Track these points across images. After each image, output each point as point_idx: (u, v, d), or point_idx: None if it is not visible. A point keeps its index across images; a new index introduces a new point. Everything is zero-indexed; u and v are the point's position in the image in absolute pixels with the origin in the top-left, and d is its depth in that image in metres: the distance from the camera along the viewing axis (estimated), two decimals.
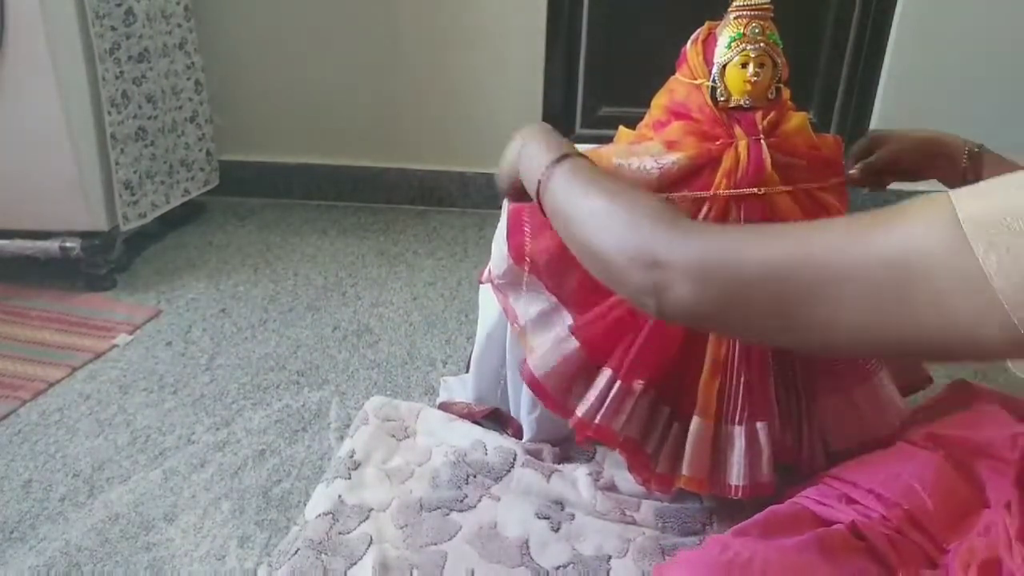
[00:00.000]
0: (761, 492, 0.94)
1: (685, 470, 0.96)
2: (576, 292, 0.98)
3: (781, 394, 0.97)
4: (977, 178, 0.95)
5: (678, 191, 0.93)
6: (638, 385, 0.94)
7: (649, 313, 0.60)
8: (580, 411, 0.96)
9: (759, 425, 0.93)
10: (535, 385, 0.99)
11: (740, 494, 0.95)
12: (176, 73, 1.97)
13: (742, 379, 0.92)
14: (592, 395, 0.96)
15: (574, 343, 0.97)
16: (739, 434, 0.93)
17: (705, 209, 0.91)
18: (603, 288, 0.96)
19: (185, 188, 2.06)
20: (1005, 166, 0.92)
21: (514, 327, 1.04)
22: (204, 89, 2.09)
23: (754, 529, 0.81)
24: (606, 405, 0.95)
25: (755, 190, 0.90)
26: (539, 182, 0.73)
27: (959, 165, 0.96)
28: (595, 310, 0.96)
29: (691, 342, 0.93)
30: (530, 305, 1.02)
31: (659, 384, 0.95)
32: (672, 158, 0.92)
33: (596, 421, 0.95)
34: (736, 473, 0.95)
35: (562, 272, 0.98)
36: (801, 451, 0.98)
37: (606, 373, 0.95)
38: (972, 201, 0.46)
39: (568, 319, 1.00)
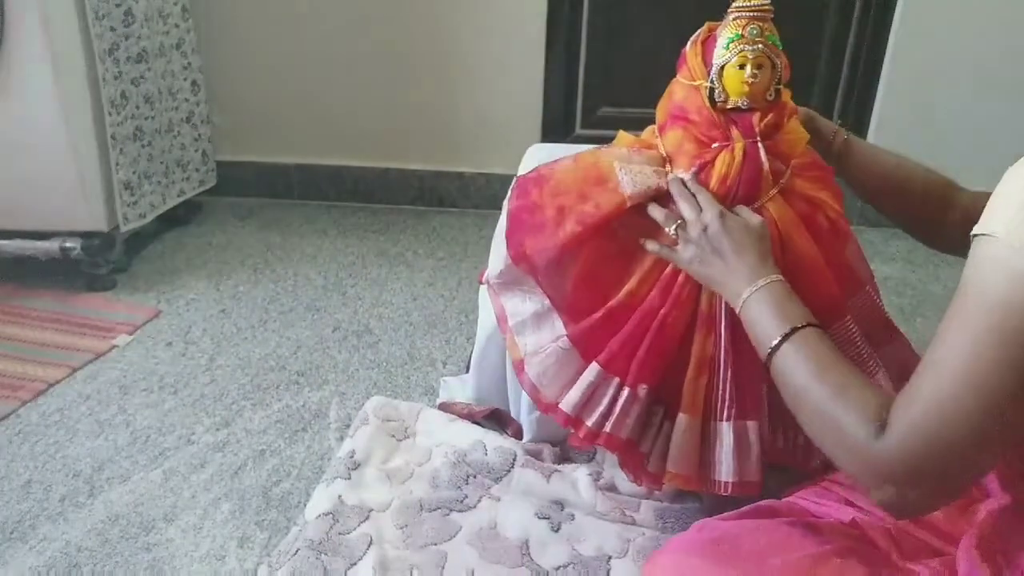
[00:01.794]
0: (749, 490, 0.94)
1: (671, 466, 0.96)
2: (571, 295, 0.98)
3: (774, 396, 0.97)
4: (845, 160, 1.01)
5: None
6: (642, 390, 0.94)
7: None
8: (589, 421, 0.96)
9: (749, 424, 0.93)
10: (532, 390, 0.99)
11: (728, 491, 0.95)
12: (173, 74, 1.97)
13: (729, 376, 0.92)
14: (600, 405, 0.95)
15: (573, 349, 0.97)
16: (727, 431, 0.94)
17: None
18: (598, 292, 0.96)
19: (181, 188, 2.06)
20: (872, 150, 1.02)
21: (502, 327, 1.04)
22: (201, 90, 2.09)
23: (745, 515, 0.81)
24: (615, 414, 0.94)
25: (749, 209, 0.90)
26: (768, 354, 0.78)
27: (830, 147, 1.01)
28: (593, 316, 0.96)
29: (687, 343, 0.93)
30: (523, 305, 1.02)
31: (657, 385, 0.95)
32: (668, 169, 0.93)
33: (606, 430, 0.95)
34: (724, 470, 0.95)
35: (559, 274, 0.98)
36: (795, 454, 0.98)
37: (613, 382, 0.95)
38: (999, 226, 0.55)
39: (560, 323, 1.00)
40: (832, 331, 0.94)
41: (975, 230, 0.57)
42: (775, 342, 0.76)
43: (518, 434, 1.20)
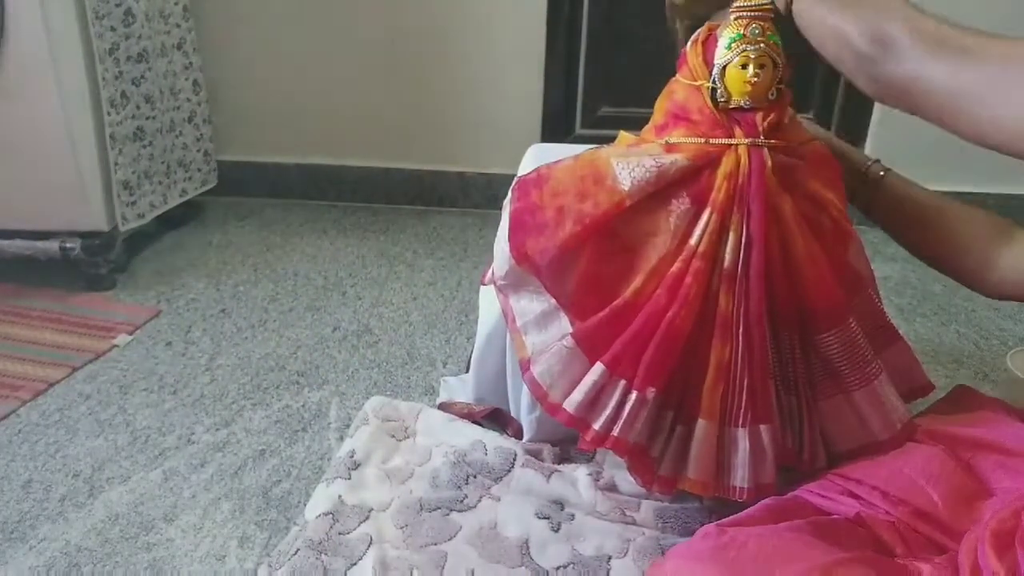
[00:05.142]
0: (764, 494, 0.94)
1: (691, 473, 0.96)
2: (574, 293, 0.98)
3: (782, 396, 0.96)
4: (884, 200, 0.97)
5: (677, 193, 0.93)
6: (651, 393, 0.93)
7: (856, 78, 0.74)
8: (596, 424, 0.96)
9: (762, 428, 0.93)
10: (537, 389, 0.99)
11: (743, 496, 0.95)
12: (174, 73, 1.97)
13: (745, 382, 0.92)
14: (607, 408, 0.95)
15: (577, 349, 0.97)
16: (743, 436, 0.93)
17: (706, 216, 0.91)
18: (603, 291, 0.96)
19: (183, 188, 2.06)
20: (914, 188, 0.97)
21: (510, 327, 1.04)
22: (202, 89, 2.09)
23: (751, 520, 0.81)
24: (623, 418, 0.94)
25: (768, 141, 0.90)
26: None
27: (862, 183, 0.98)
28: (598, 315, 0.96)
29: (694, 344, 0.93)
30: (531, 305, 1.02)
31: (664, 388, 0.95)
32: (670, 159, 0.92)
33: (614, 434, 0.95)
34: (740, 476, 0.95)
35: (562, 273, 0.98)
36: (801, 453, 0.98)
37: (619, 384, 0.94)
38: None
39: (566, 322, 0.99)
40: (834, 333, 0.94)
41: None
42: None
43: (518, 434, 1.20)
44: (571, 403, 0.96)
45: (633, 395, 0.93)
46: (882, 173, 0.98)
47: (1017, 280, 0.83)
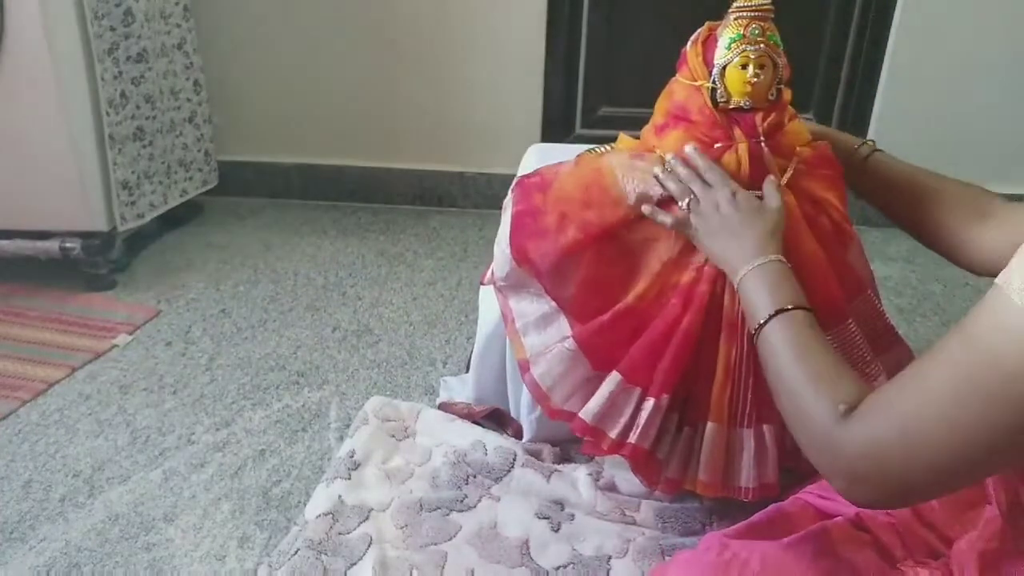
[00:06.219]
0: (767, 493, 0.95)
1: (702, 475, 0.96)
2: (575, 296, 0.98)
3: None
4: (872, 179, 0.97)
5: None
6: (664, 400, 0.93)
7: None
8: (612, 432, 0.96)
9: (766, 428, 0.93)
10: (537, 391, 0.99)
11: (749, 496, 0.95)
12: (175, 73, 1.97)
13: (750, 382, 0.92)
14: (623, 415, 0.95)
15: (579, 351, 0.97)
16: (748, 437, 0.94)
17: None
18: (604, 295, 0.96)
19: (183, 188, 2.06)
20: (893, 159, 0.97)
21: (508, 328, 1.04)
22: (203, 89, 2.08)
23: (756, 528, 0.81)
24: (640, 425, 0.94)
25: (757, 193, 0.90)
26: (757, 328, 0.79)
27: (851, 164, 0.99)
28: (600, 319, 0.96)
29: (702, 347, 0.93)
30: (531, 307, 1.02)
31: (673, 392, 0.95)
32: None
33: (631, 441, 0.95)
34: (745, 476, 0.95)
35: (562, 275, 0.98)
36: (802, 453, 0.98)
37: (634, 392, 0.95)
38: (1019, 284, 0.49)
39: (566, 324, 0.99)
40: (833, 334, 0.94)
41: (998, 279, 0.52)
42: (761, 320, 0.77)
43: (518, 434, 1.20)
44: (588, 413, 0.96)
45: (649, 402, 0.93)
46: (870, 153, 0.99)
47: (995, 258, 0.83)
